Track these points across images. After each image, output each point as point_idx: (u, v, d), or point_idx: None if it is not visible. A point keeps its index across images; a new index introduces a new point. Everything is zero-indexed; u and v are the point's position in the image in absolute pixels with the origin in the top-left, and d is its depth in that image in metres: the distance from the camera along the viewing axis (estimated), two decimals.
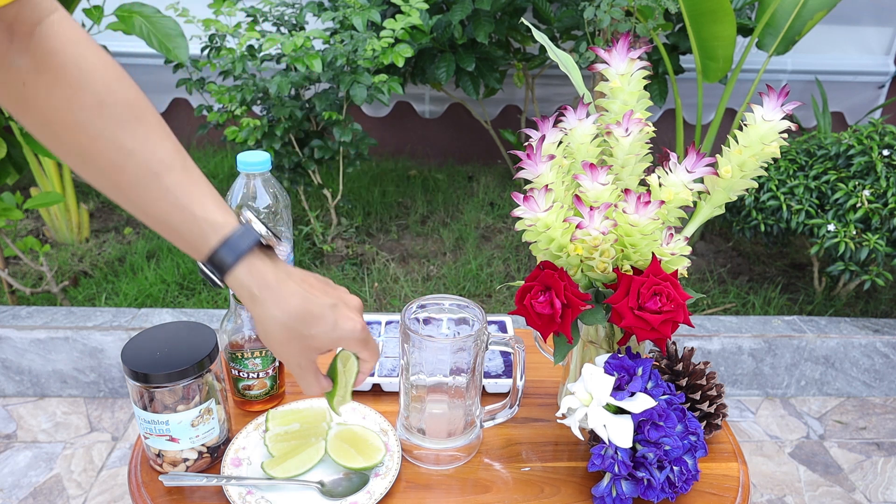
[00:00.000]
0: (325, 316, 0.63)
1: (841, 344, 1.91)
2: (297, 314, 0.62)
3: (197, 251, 0.61)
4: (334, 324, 0.63)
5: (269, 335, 0.63)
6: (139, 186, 0.59)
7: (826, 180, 1.95)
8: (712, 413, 0.82)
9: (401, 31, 1.94)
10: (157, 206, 0.59)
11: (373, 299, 2.11)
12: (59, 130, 0.57)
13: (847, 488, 1.67)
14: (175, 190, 0.59)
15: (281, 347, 0.64)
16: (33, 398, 1.84)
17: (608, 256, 0.71)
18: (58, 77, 0.55)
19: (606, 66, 0.76)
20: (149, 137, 0.59)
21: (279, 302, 0.61)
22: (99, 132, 0.56)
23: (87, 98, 0.56)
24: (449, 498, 0.75)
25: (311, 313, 0.62)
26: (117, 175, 0.58)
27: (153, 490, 0.75)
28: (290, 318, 0.62)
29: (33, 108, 0.56)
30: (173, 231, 0.61)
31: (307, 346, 0.64)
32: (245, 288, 0.61)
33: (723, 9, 1.94)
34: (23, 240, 2.01)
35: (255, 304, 0.62)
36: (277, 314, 0.61)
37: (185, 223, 0.60)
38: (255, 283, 0.61)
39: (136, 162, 0.58)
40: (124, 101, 0.58)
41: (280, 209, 0.88)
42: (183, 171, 0.60)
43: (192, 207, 0.60)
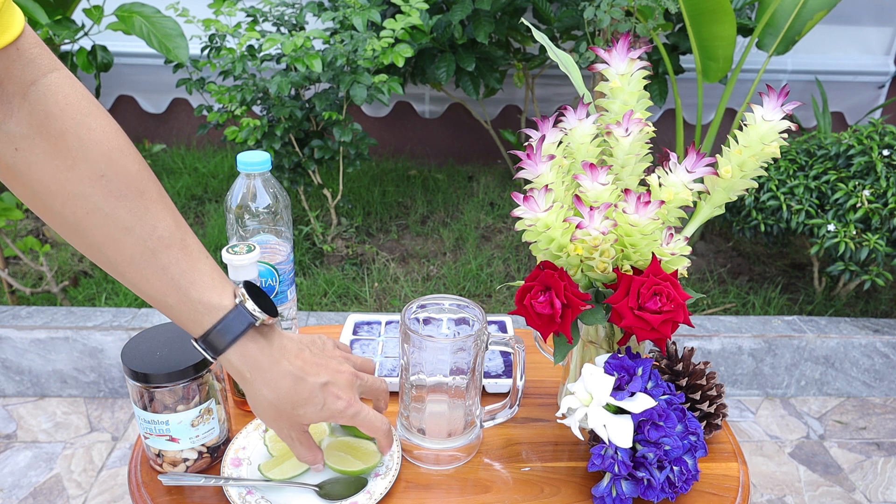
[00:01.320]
0: (315, 397, 0.64)
1: (841, 344, 1.91)
2: (286, 397, 0.63)
3: (191, 331, 0.62)
4: (322, 404, 0.65)
5: (259, 411, 0.65)
6: (135, 264, 0.57)
7: (826, 180, 1.95)
8: (712, 413, 0.82)
9: (401, 31, 1.94)
10: (152, 285, 0.59)
11: (373, 299, 2.11)
12: (52, 202, 0.54)
13: (847, 488, 1.67)
14: (171, 269, 0.58)
15: (271, 423, 0.66)
16: (33, 398, 1.84)
17: (608, 256, 0.71)
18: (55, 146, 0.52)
19: (606, 66, 0.76)
20: (148, 212, 0.57)
21: (269, 383, 0.63)
22: (96, 206, 0.54)
23: (86, 170, 0.53)
24: (449, 498, 0.75)
25: (299, 396, 0.64)
26: (113, 251, 0.57)
27: (153, 490, 0.75)
28: (280, 399, 0.63)
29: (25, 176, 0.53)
30: (168, 309, 0.61)
31: (296, 423, 0.66)
32: (236, 370, 0.63)
33: (723, 9, 1.94)
34: (23, 240, 2.01)
35: (245, 384, 0.64)
36: (267, 394, 0.63)
37: (180, 304, 0.60)
38: (246, 366, 0.62)
39: (133, 239, 0.56)
40: (125, 173, 0.55)
41: (280, 209, 0.88)
42: (181, 248, 0.59)
43: (188, 289, 0.59)
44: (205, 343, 0.61)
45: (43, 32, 1.86)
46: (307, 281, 2.15)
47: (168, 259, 0.58)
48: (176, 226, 0.59)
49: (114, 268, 0.59)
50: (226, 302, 0.61)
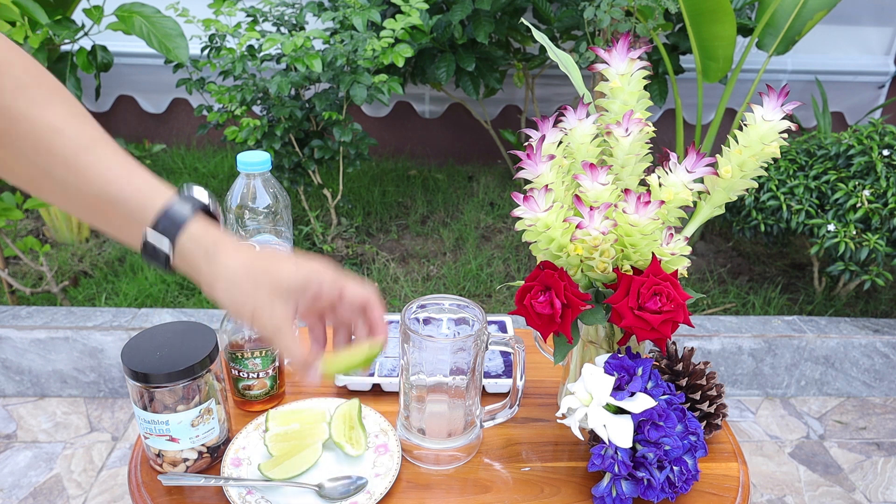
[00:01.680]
0: (286, 259, 0.60)
1: (841, 344, 1.91)
2: (258, 257, 0.59)
3: (140, 218, 0.57)
4: (296, 263, 0.60)
5: (234, 284, 0.58)
6: (69, 161, 0.55)
7: (826, 180, 1.95)
8: (712, 413, 0.82)
9: (401, 31, 1.94)
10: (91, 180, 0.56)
11: None
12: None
13: (847, 488, 1.67)
14: (110, 161, 0.56)
15: (251, 296, 0.58)
16: (33, 398, 1.84)
17: (608, 256, 0.71)
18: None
19: (606, 66, 0.76)
20: (75, 117, 0.56)
21: (236, 252, 0.58)
22: (22, 113, 0.54)
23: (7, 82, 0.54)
24: (449, 498, 0.75)
25: (271, 258, 0.60)
26: (45, 156, 0.55)
27: (153, 490, 0.75)
28: (252, 261, 0.58)
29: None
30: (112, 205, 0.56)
31: (277, 285, 0.58)
32: (200, 246, 0.57)
33: (723, 9, 1.94)
34: (23, 240, 2.01)
35: (210, 262, 0.57)
36: (237, 258, 0.58)
37: (125, 191, 0.56)
38: (209, 237, 0.57)
39: (64, 139, 0.55)
40: (47, 85, 0.56)
41: (280, 209, 0.88)
42: (113, 145, 0.58)
43: (131, 175, 0.57)
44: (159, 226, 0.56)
45: (43, 32, 1.86)
46: None
47: (103, 152, 0.56)
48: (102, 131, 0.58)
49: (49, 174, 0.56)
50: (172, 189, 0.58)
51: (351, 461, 0.77)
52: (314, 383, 0.63)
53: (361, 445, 0.78)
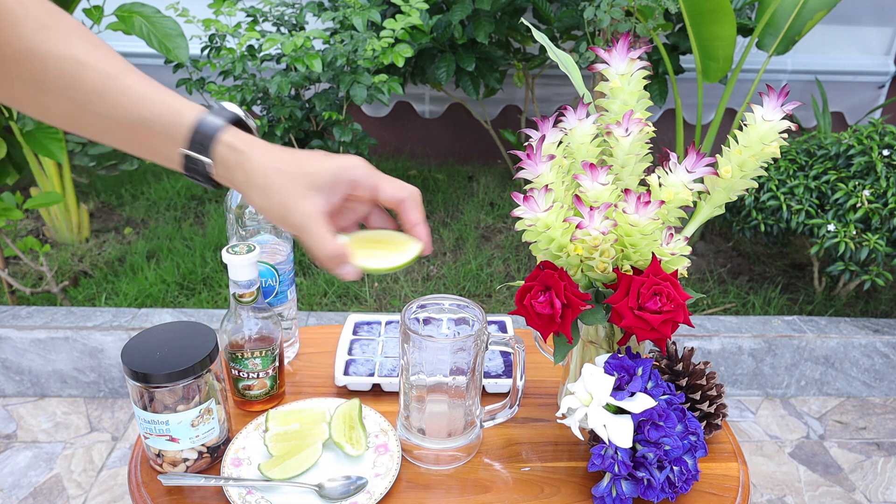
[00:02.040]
0: (318, 155, 0.60)
1: (841, 344, 1.91)
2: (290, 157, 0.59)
3: (174, 136, 0.58)
4: (330, 157, 0.60)
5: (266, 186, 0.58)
6: (100, 92, 0.57)
7: (826, 180, 1.95)
8: (712, 413, 0.82)
9: (401, 31, 1.94)
10: (124, 105, 0.58)
11: (373, 299, 2.11)
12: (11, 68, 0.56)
13: (847, 488, 1.67)
14: (137, 84, 0.58)
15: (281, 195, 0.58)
16: (33, 398, 1.84)
17: (608, 256, 0.71)
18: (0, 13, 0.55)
19: (606, 66, 0.76)
20: (98, 49, 0.58)
21: (269, 153, 0.58)
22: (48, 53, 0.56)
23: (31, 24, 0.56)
24: (449, 498, 0.75)
25: (302, 156, 0.60)
26: (74, 90, 0.57)
27: (153, 490, 0.75)
28: (283, 161, 0.58)
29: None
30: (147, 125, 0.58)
31: (307, 181, 0.58)
32: (232, 150, 0.58)
33: (723, 9, 1.94)
34: (23, 240, 2.01)
35: (243, 163, 0.58)
36: (270, 159, 0.58)
37: (157, 112, 0.58)
38: (241, 142, 0.58)
39: (91, 70, 0.57)
40: (66, 23, 0.58)
41: None
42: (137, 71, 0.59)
43: (161, 96, 0.58)
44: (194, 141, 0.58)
45: None
46: (307, 281, 2.15)
47: (130, 79, 0.58)
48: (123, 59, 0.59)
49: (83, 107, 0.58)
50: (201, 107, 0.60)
51: (351, 461, 0.77)
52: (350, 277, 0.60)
53: (362, 445, 0.78)
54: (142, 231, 2.43)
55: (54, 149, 1.94)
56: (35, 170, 2.16)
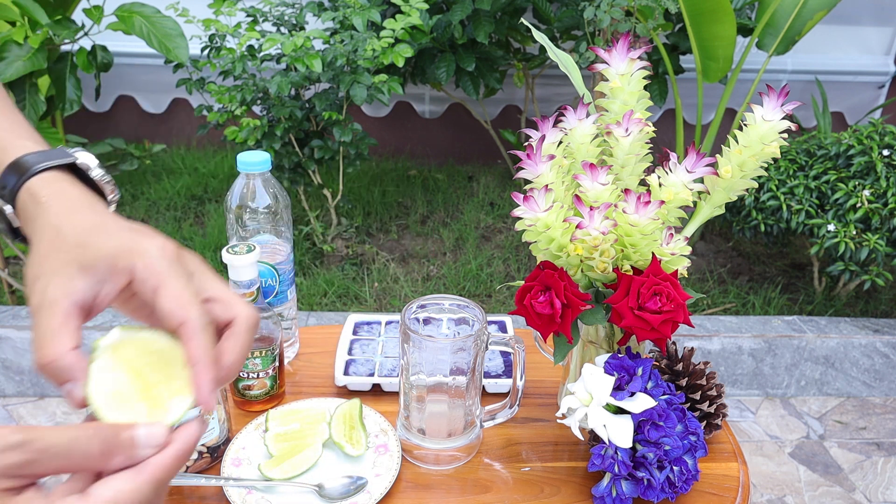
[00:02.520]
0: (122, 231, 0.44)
1: (841, 344, 1.91)
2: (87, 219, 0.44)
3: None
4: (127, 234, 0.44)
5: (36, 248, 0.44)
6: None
7: (826, 180, 1.95)
8: (712, 413, 0.82)
9: (401, 31, 1.94)
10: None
11: (373, 299, 2.11)
12: None
13: (847, 488, 1.67)
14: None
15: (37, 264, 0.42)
16: (33, 398, 1.84)
17: (608, 256, 0.71)
18: None
19: (606, 66, 0.76)
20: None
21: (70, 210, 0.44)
22: None
23: None
24: (449, 498, 0.75)
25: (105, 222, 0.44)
26: None
27: None
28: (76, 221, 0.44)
29: None
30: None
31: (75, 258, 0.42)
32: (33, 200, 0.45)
33: (723, 9, 1.94)
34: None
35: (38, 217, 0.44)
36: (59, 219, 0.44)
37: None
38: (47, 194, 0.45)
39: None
40: None
41: (280, 209, 0.88)
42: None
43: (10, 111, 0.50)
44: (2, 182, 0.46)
45: (43, 32, 1.86)
46: (307, 281, 2.15)
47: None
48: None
49: None
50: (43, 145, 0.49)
51: (351, 461, 0.77)
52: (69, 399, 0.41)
53: (362, 445, 0.78)
54: None
55: None
56: None
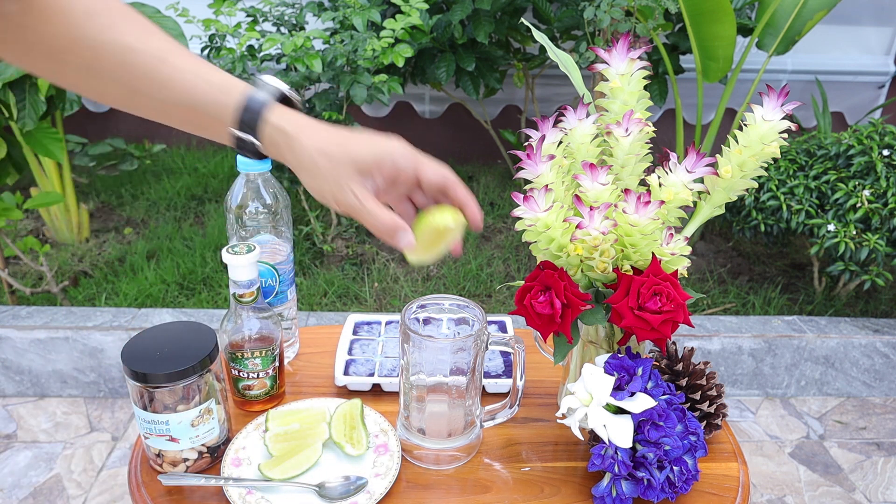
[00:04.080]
0: (362, 137, 0.62)
1: (841, 344, 1.91)
2: (335, 139, 0.61)
3: (222, 119, 0.61)
4: (374, 140, 0.63)
5: (313, 170, 0.61)
6: (151, 76, 0.60)
7: (826, 180, 1.95)
8: (712, 413, 0.82)
9: (401, 31, 1.94)
10: (174, 88, 0.60)
11: (373, 299, 2.11)
12: (65, 56, 0.59)
13: (847, 488, 1.67)
14: (185, 67, 0.60)
15: (328, 180, 0.61)
16: (33, 398, 1.84)
17: (608, 256, 0.71)
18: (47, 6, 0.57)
19: (606, 66, 0.76)
20: (144, 31, 0.60)
21: (315, 134, 0.61)
22: (97, 40, 0.58)
23: (77, 13, 0.57)
24: (449, 498, 0.75)
25: (347, 138, 0.62)
26: (127, 74, 0.59)
27: (153, 490, 0.75)
28: (329, 143, 0.61)
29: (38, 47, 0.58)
30: (196, 108, 0.61)
31: (350, 165, 0.61)
32: (279, 131, 0.61)
33: (723, 9, 1.94)
34: (23, 240, 2.01)
35: (292, 144, 0.61)
36: (316, 142, 0.61)
37: (205, 94, 0.60)
38: (288, 124, 0.61)
39: (141, 55, 0.59)
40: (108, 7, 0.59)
41: (280, 209, 0.88)
42: (184, 51, 0.61)
43: (208, 76, 0.61)
44: (241, 123, 0.60)
45: None
46: (307, 281, 2.15)
47: (179, 61, 0.60)
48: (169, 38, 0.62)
49: (136, 91, 0.60)
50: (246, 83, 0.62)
51: (351, 461, 0.77)
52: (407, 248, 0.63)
53: (362, 445, 0.78)
54: (142, 231, 2.43)
55: (54, 149, 1.94)
56: (35, 170, 2.16)
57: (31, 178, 2.59)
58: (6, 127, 2.00)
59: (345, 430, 0.79)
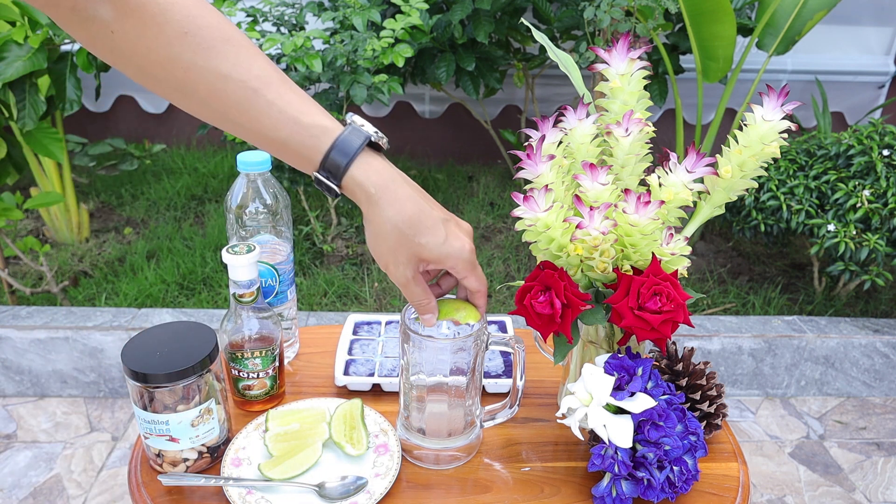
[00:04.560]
0: (437, 228, 0.64)
1: (841, 344, 1.91)
2: (411, 220, 0.63)
3: (309, 160, 0.62)
4: (444, 238, 0.64)
5: (381, 237, 0.64)
6: (242, 107, 0.59)
7: (826, 180, 1.95)
8: (712, 413, 0.82)
9: (401, 31, 1.94)
10: (263, 123, 0.60)
11: (373, 299, 2.11)
12: (155, 71, 0.58)
13: (847, 488, 1.67)
14: (277, 102, 0.60)
15: (390, 253, 0.64)
16: (33, 398, 1.84)
17: (608, 256, 0.71)
18: (141, 17, 0.55)
19: (606, 66, 0.76)
20: (240, 57, 0.59)
21: (395, 203, 0.62)
22: (190, 63, 0.57)
23: (172, 31, 0.56)
24: (449, 498, 0.75)
25: (423, 223, 0.63)
26: (218, 101, 0.59)
27: (153, 490, 0.75)
28: (404, 222, 0.62)
29: (128, 55, 0.57)
30: (284, 145, 0.61)
31: (414, 254, 0.64)
32: (361, 188, 0.62)
33: (723, 9, 1.94)
34: (23, 240, 2.01)
35: (370, 205, 0.63)
36: (392, 215, 0.62)
37: (294, 134, 0.60)
38: (371, 182, 0.62)
39: (233, 84, 0.59)
40: (207, 26, 0.58)
41: (280, 209, 0.88)
42: (281, 82, 0.61)
43: (299, 117, 0.60)
44: (325, 170, 0.61)
45: (43, 32, 1.86)
46: (307, 281, 2.15)
47: (272, 94, 0.60)
48: (268, 64, 0.61)
49: (226, 118, 0.60)
50: (337, 124, 0.62)
51: (351, 461, 0.77)
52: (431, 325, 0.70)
53: (363, 445, 0.78)
54: (142, 231, 2.43)
55: (54, 149, 1.94)
56: (35, 170, 2.16)
57: (31, 178, 2.59)
58: (6, 127, 2.00)
59: (345, 430, 0.79)
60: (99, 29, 0.56)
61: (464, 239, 0.66)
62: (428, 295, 0.68)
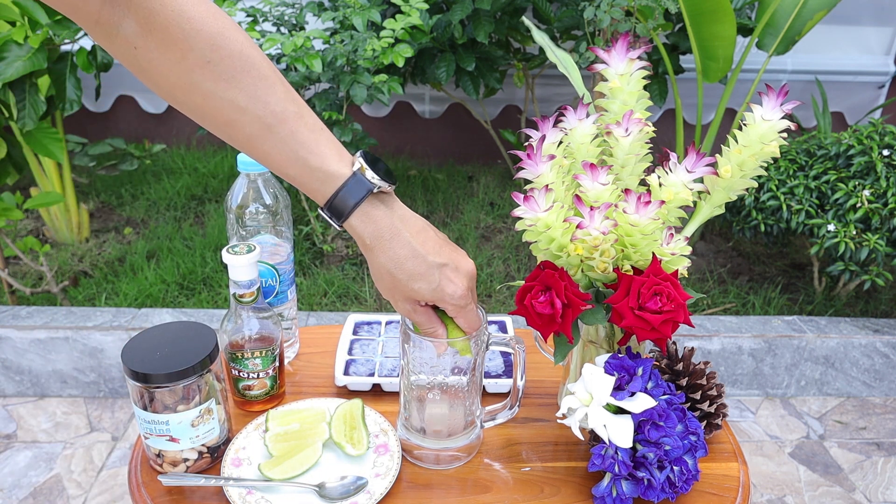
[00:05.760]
0: (430, 274, 0.66)
1: (841, 344, 1.91)
2: (403, 268, 0.65)
3: (315, 199, 0.65)
4: (437, 284, 0.66)
5: (378, 279, 0.68)
6: (255, 140, 0.61)
7: (826, 180, 1.95)
8: (712, 413, 0.82)
9: (401, 31, 1.94)
10: (274, 158, 0.62)
11: (373, 299, 2.11)
12: (175, 92, 0.58)
13: (847, 488, 1.67)
14: (289, 142, 0.61)
15: (387, 292, 0.68)
16: (33, 398, 1.84)
17: (608, 256, 0.71)
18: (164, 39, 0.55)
19: (606, 66, 0.76)
20: (258, 90, 0.59)
21: (387, 252, 0.65)
22: (210, 91, 0.58)
23: (194, 58, 0.56)
24: (449, 498, 0.75)
25: (416, 270, 0.65)
26: (233, 131, 0.61)
27: (153, 490, 0.75)
28: (397, 269, 0.65)
29: (148, 73, 0.58)
30: (293, 180, 0.64)
31: (409, 296, 0.67)
32: (359, 237, 0.66)
33: (723, 9, 1.94)
34: (23, 240, 2.01)
35: (367, 251, 0.66)
36: (385, 263, 0.66)
37: (301, 174, 0.63)
38: (367, 232, 0.65)
39: (249, 118, 0.59)
40: (229, 55, 0.58)
41: (280, 209, 0.88)
42: (297, 120, 0.61)
43: (307, 159, 0.62)
44: (329, 210, 0.64)
45: (43, 32, 1.86)
46: (307, 281, 2.15)
47: (285, 132, 0.61)
48: (288, 99, 0.61)
49: (239, 145, 0.63)
50: (344, 170, 0.63)
51: (351, 461, 0.77)
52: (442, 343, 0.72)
53: (363, 445, 0.78)
54: (142, 231, 2.43)
55: (54, 149, 1.94)
56: (35, 170, 2.16)
57: (31, 178, 2.59)
58: (6, 127, 2.00)
59: (345, 430, 0.79)
60: (123, 44, 0.56)
61: (457, 283, 0.67)
62: (431, 321, 0.70)
